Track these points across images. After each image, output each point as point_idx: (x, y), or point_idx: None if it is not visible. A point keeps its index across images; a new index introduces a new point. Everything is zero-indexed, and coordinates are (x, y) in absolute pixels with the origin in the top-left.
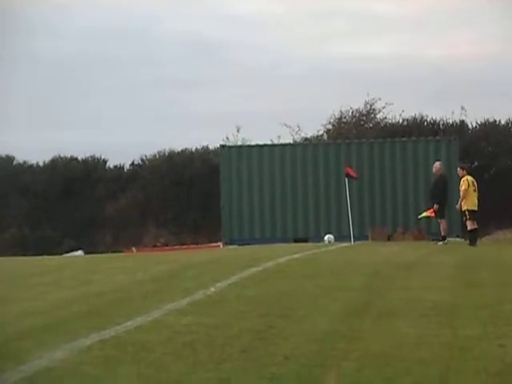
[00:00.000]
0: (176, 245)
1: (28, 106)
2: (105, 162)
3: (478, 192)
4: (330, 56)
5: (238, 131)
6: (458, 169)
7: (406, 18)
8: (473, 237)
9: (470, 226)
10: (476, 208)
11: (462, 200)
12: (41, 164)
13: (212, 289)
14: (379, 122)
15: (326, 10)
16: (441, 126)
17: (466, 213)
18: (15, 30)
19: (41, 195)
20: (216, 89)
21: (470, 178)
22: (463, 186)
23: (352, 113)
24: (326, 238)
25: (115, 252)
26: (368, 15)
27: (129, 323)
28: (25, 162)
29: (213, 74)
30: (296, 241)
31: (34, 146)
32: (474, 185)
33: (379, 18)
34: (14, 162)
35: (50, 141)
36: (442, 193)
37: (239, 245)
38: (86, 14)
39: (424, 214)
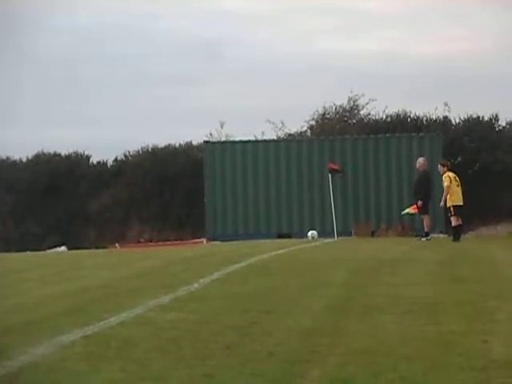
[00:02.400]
0: (160, 241)
1: (11, 102)
2: (88, 157)
3: (462, 187)
4: (316, 52)
5: (221, 127)
6: (439, 165)
7: (393, 15)
8: (457, 233)
9: (454, 221)
10: (461, 203)
11: (446, 196)
12: (24, 160)
13: (195, 285)
14: (363, 118)
15: (313, 7)
16: (424, 122)
17: (451, 209)
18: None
19: (24, 191)
20: (201, 85)
21: (451, 174)
22: (445, 183)
23: (335, 109)
24: (309, 233)
25: (99, 248)
26: (356, 11)
27: (112, 319)
28: (8, 158)
29: (198, 70)
30: (280, 236)
31: (17, 142)
32: (456, 180)
33: (367, 15)
34: None
35: (33, 137)
36: (426, 189)
37: (223, 241)
38: (71, 11)
39: (407, 211)
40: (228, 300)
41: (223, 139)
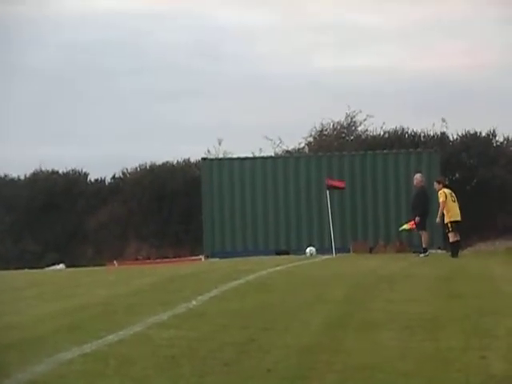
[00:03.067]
0: (158, 258)
1: (8, 118)
2: (86, 175)
3: (459, 203)
4: (314, 69)
5: (219, 144)
6: (435, 183)
7: (391, 30)
8: (455, 248)
9: (452, 237)
10: (459, 218)
11: (442, 212)
12: (22, 178)
13: (194, 302)
14: (360, 135)
15: (311, 23)
16: (422, 138)
17: (449, 225)
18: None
19: (22, 209)
20: (198, 101)
21: (446, 190)
22: (441, 198)
23: (333, 125)
24: (307, 250)
25: (97, 265)
26: (353, 27)
27: (110, 337)
28: (6, 176)
29: (196, 85)
30: (278, 253)
31: (15, 160)
32: (452, 196)
33: (364, 30)
34: None
35: (31, 154)
36: (423, 205)
37: (221, 258)
38: (69, 26)
39: (405, 227)
40: (226, 317)
41: (221, 156)
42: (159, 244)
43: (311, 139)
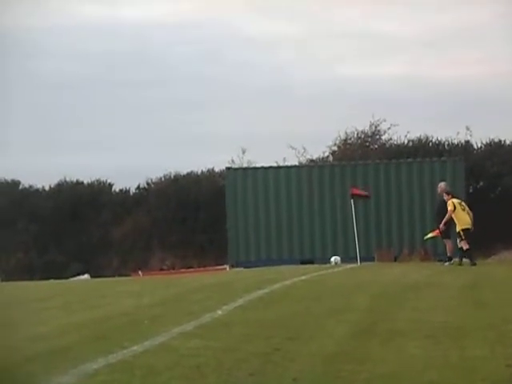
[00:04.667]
0: (182, 268)
1: (33, 129)
2: (111, 185)
3: (472, 211)
4: (339, 77)
5: (243, 153)
6: (444, 194)
7: (415, 38)
8: (470, 256)
9: (464, 245)
10: (470, 226)
11: (447, 220)
12: (47, 188)
13: (219, 312)
14: (384, 143)
15: (334, 31)
16: (446, 147)
17: (461, 233)
18: (17, 52)
19: (47, 219)
20: (222, 110)
21: (455, 200)
22: (449, 207)
23: (357, 134)
24: (332, 259)
25: (122, 276)
26: (377, 35)
27: (136, 347)
28: (31, 187)
29: (220, 95)
30: (302, 262)
31: (40, 170)
32: (461, 205)
33: (388, 38)
34: (20, 187)
35: (56, 164)
36: (447, 213)
37: (246, 267)
38: (93, 38)
39: (430, 235)
40: (251, 327)
41: (245, 165)
42: (184, 254)
43: (335, 148)
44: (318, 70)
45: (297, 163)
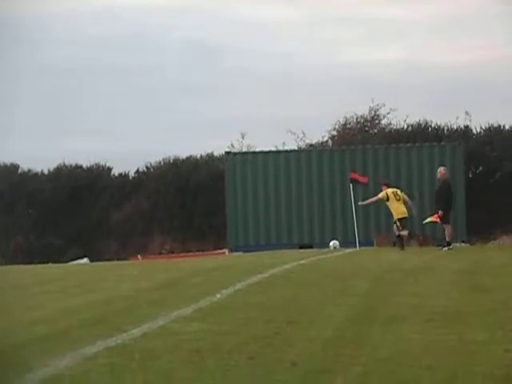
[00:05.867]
0: (182, 252)
1: (31, 113)
2: (109, 169)
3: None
4: (338, 62)
5: (242, 138)
6: (382, 187)
7: (414, 24)
8: (400, 241)
9: (398, 232)
10: (405, 215)
11: (371, 202)
12: (45, 172)
13: (218, 295)
14: (384, 128)
15: (334, 16)
16: (445, 132)
17: (397, 222)
18: (17, 39)
19: (46, 203)
20: (222, 95)
21: (389, 190)
22: (380, 195)
23: (356, 119)
24: (331, 244)
25: (121, 260)
26: (376, 21)
27: (135, 331)
28: (29, 170)
29: (219, 80)
30: (301, 247)
31: (38, 154)
32: (396, 194)
33: (387, 24)
34: (19, 171)
35: (55, 149)
36: (447, 198)
37: (245, 251)
38: (90, 23)
39: (429, 220)
40: (250, 310)
41: (244, 150)
42: (183, 238)
43: (335, 133)
44: (318, 55)
45: (296, 148)
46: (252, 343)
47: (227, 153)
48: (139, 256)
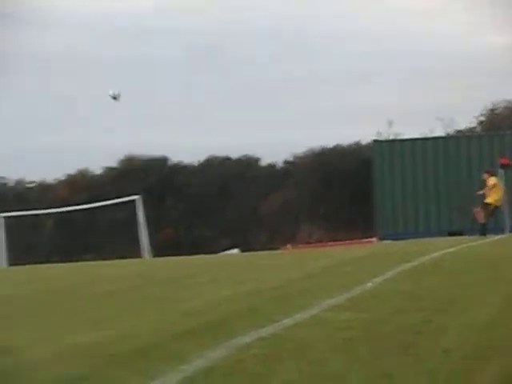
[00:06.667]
0: (329, 241)
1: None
2: (257, 160)
3: None
4: (484, 48)
5: (389, 126)
6: (485, 174)
7: None
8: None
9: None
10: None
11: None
12: (195, 164)
13: (369, 284)
14: None
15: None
16: None
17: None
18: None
19: (195, 195)
20: (368, 84)
21: (494, 178)
22: (492, 182)
23: (505, 104)
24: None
25: (271, 249)
26: None
27: (287, 320)
28: (179, 162)
29: (364, 68)
30: (450, 234)
31: (187, 147)
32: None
33: None
34: (169, 163)
35: (203, 141)
36: None
37: (393, 239)
38: None
39: None
40: (401, 299)
41: (392, 138)
42: (330, 227)
43: (483, 118)
44: (465, 41)
45: (444, 134)
46: (403, 331)
47: (375, 141)
48: (289, 245)
